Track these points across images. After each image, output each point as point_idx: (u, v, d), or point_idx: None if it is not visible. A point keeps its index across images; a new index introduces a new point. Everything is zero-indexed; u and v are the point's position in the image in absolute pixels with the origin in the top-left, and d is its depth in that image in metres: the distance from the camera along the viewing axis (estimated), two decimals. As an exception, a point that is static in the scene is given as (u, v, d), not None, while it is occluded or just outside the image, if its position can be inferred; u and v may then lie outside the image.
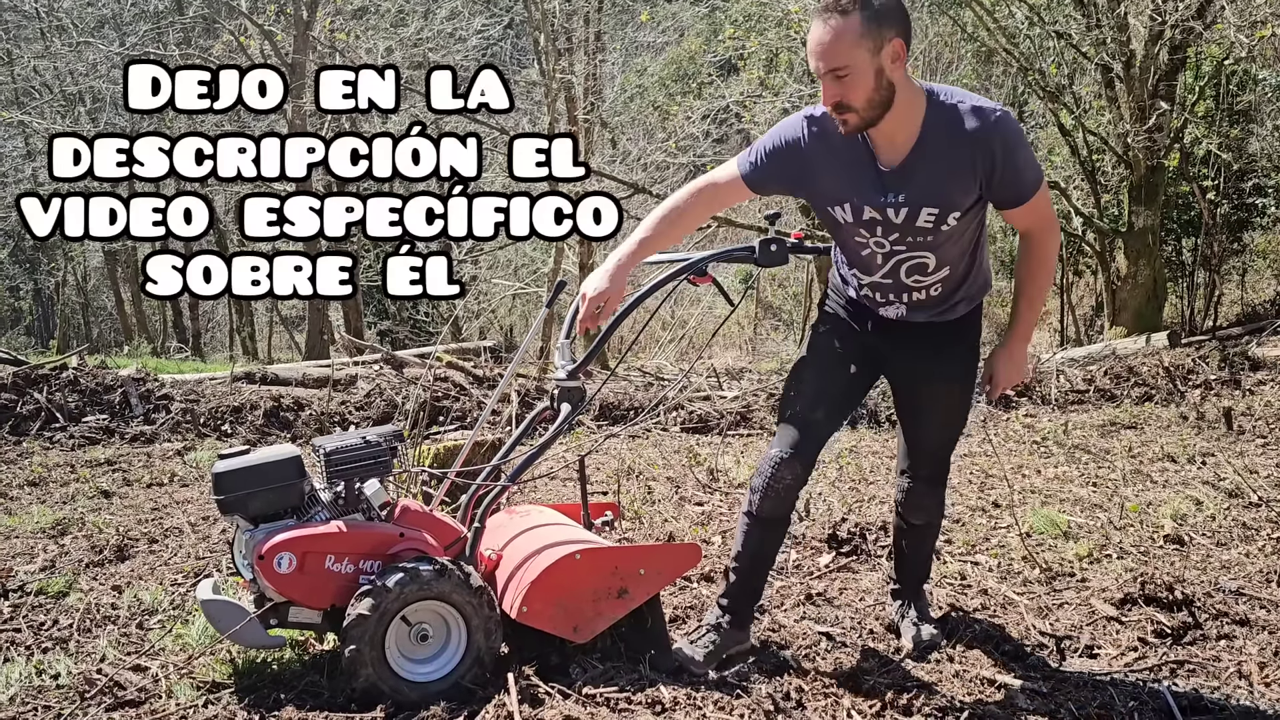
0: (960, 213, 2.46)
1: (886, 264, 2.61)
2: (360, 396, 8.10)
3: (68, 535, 4.43)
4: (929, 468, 2.93)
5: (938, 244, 2.53)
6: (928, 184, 2.43)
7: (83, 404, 7.53)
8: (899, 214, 2.48)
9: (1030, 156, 2.45)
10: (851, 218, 2.56)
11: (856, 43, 2.27)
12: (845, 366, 2.80)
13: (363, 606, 2.40)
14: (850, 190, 2.52)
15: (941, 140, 2.40)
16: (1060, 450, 6.18)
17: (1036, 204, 2.48)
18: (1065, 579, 3.55)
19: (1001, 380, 2.74)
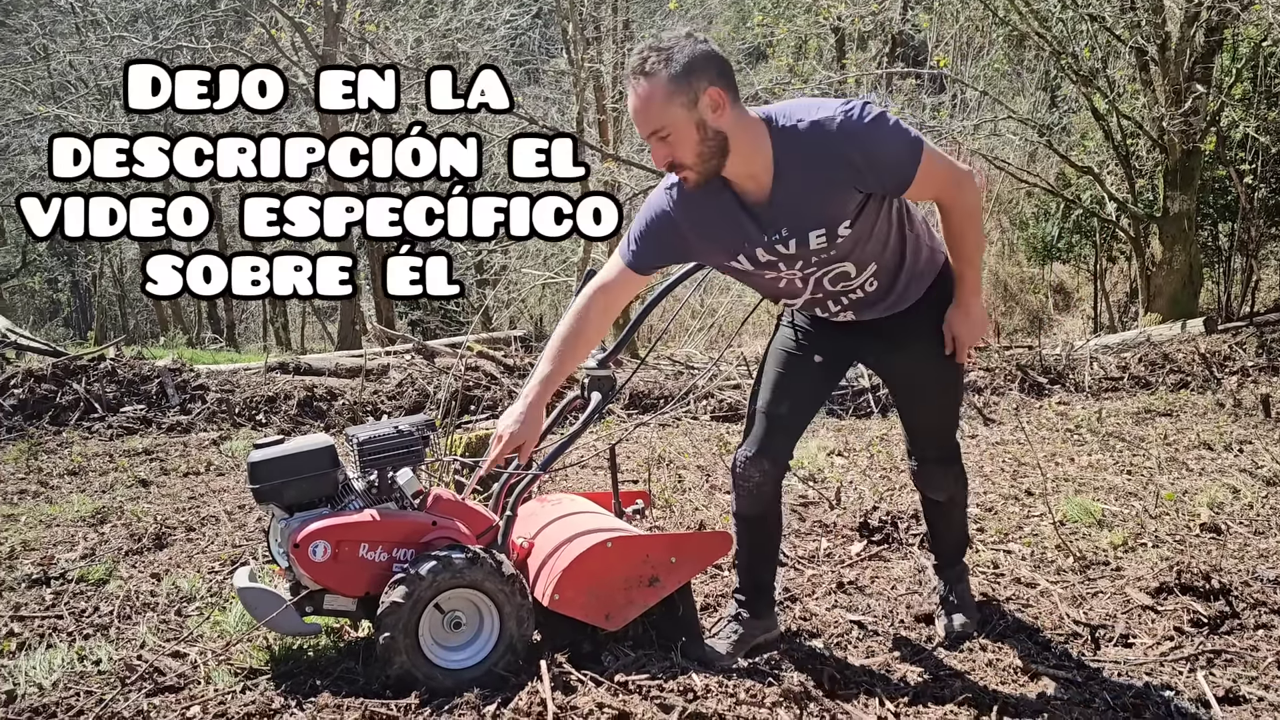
0: (849, 221, 2.36)
1: (808, 285, 2.53)
2: (392, 386, 8.17)
3: (107, 523, 4.51)
4: (934, 449, 2.88)
5: (846, 252, 2.43)
6: (801, 210, 2.35)
7: (120, 394, 7.64)
8: (789, 245, 2.40)
9: (893, 136, 2.28)
10: (751, 266, 2.48)
11: (667, 101, 2.20)
12: (809, 357, 2.75)
13: (396, 594, 2.43)
14: (735, 243, 2.44)
15: (796, 165, 2.31)
16: (1094, 438, 6.11)
17: (927, 173, 2.32)
18: (1099, 568, 3.52)
19: (963, 339, 2.63)
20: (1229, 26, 10.54)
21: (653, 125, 2.24)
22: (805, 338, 2.76)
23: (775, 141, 2.30)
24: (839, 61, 15.01)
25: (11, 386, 7.40)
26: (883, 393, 7.72)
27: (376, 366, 8.72)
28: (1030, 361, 8.73)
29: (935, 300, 2.64)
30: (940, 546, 3.13)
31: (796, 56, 15.50)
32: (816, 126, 2.27)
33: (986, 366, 8.57)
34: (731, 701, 2.28)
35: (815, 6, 11.90)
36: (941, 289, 2.65)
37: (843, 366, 2.84)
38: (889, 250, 2.52)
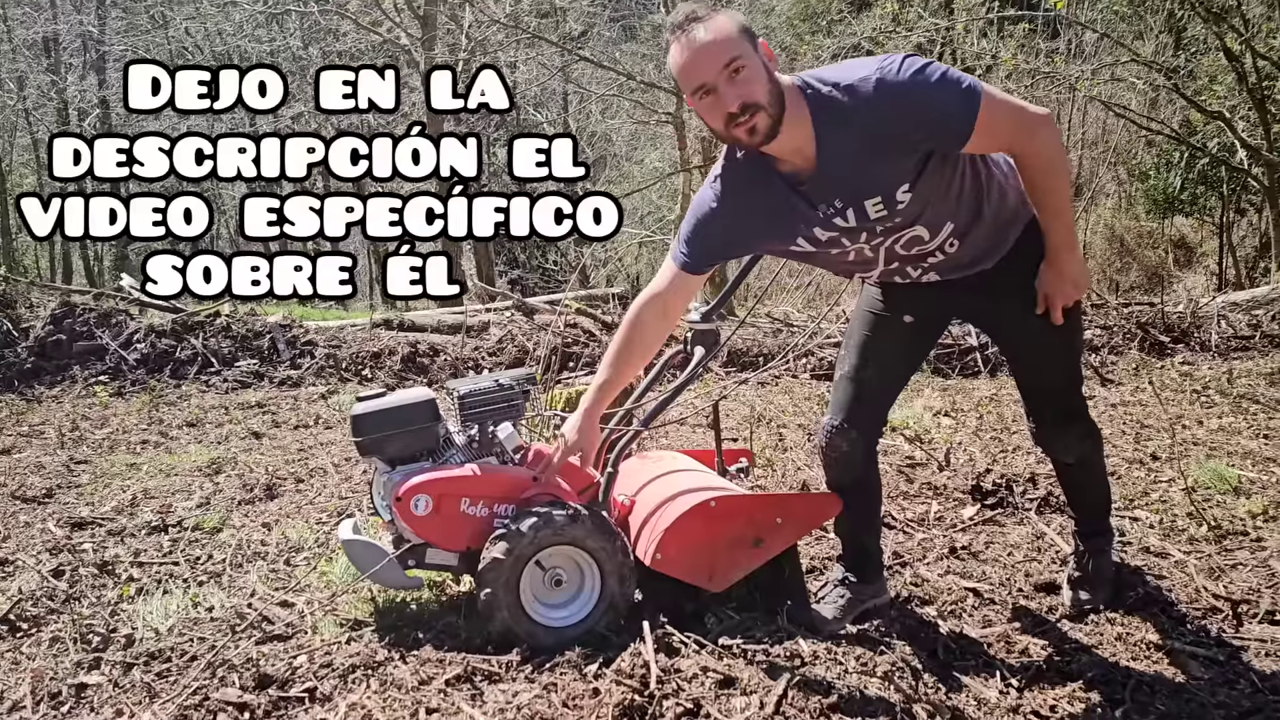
0: (908, 184, 2.16)
1: (879, 256, 2.34)
2: (493, 342, 8.23)
3: (221, 474, 4.64)
4: (1050, 410, 2.61)
5: (913, 216, 2.23)
6: (851, 180, 2.17)
7: (235, 349, 7.89)
8: (847, 218, 2.22)
9: (941, 87, 2.08)
10: (813, 246, 2.32)
11: (737, 34, 2.06)
12: (898, 317, 2.54)
13: (497, 550, 2.40)
14: (790, 225, 2.29)
15: (838, 133, 2.13)
16: (1224, 400, 5.75)
17: (988, 124, 2.10)
18: (1237, 538, 3.28)
19: (1056, 297, 2.37)
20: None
21: (728, 54, 2.05)
22: (892, 297, 2.56)
23: (813, 109, 2.13)
24: (946, 8, 14.40)
25: (135, 341, 7.70)
26: (992, 351, 7.43)
27: (477, 323, 8.80)
28: (1151, 319, 8.27)
29: (1031, 250, 2.40)
30: (1078, 509, 2.89)
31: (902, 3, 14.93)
32: (853, 90, 2.10)
33: (1104, 324, 8.16)
34: (840, 670, 2.18)
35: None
36: (1034, 240, 2.40)
37: (938, 326, 2.66)
38: (964, 206, 2.30)
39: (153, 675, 2.36)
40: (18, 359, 7.42)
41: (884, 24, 13.44)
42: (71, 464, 4.90)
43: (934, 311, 2.57)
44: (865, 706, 2.02)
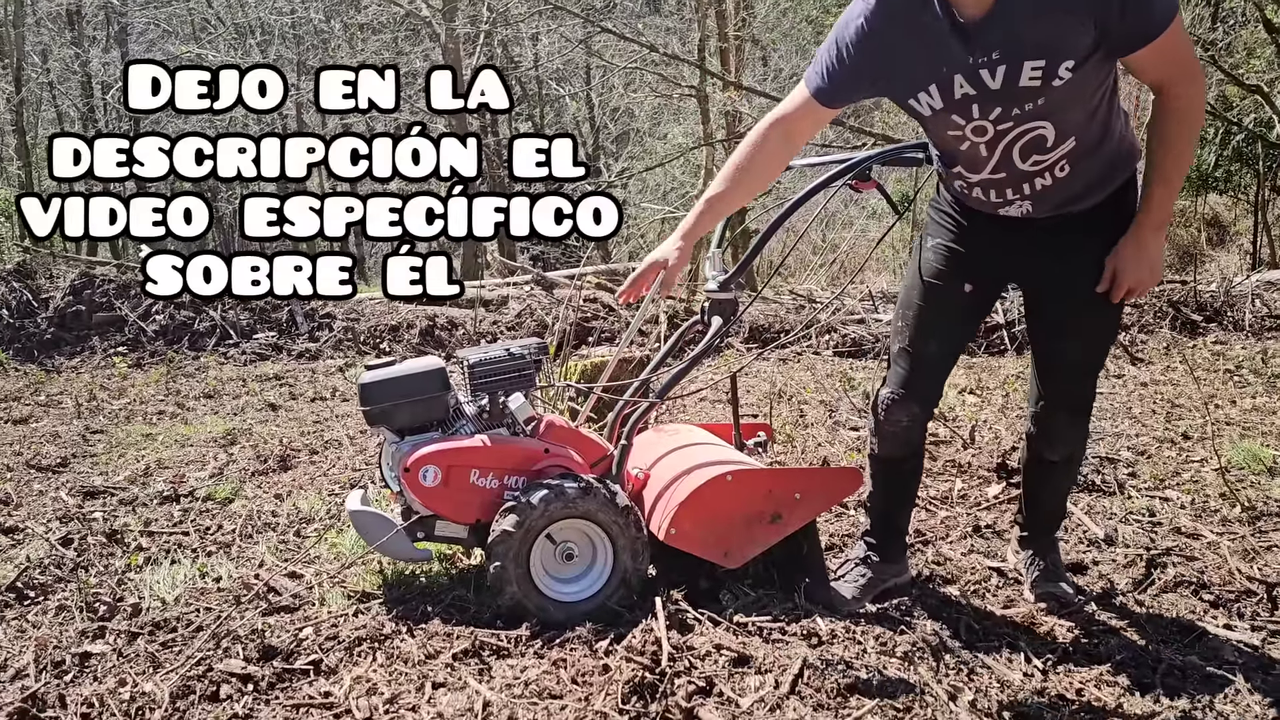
0: (1074, 61, 1.97)
1: (994, 153, 2.17)
2: (511, 316, 8.18)
3: (236, 445, 4.61)
4: (1070, 395, 2.47)
5: (1053, 108, 2.06)
6: (1026, 29, 1.97)
7: (253, 322, 7.88)
8: (995, 76, 2.03)
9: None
10: (940, 102, 2.12)
11: None
12: (958, 286, 2.41)
13: (507, 523, 2.34)
14: (933, 67, 2.09)
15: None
16: (1258, 379, 5.61)
17: (1170, 42, 1.96)
18: (1273, 519, 3.18)
19: (1127, 278, 2.19)
20: None
21: None
22: (951, 263, 2.41)
23: None
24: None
25: (154, 313, 7.70)
26: (1019, 329, 7.29)
27: (496, 297, 8.74)
28: (1184, 297, 8.10)
29: (1111, 213, 2.25)
30: (1035, 517, 2.72)
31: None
32: None
33: (1135, 303, 7.99)
34: (859, 650, 2.11)
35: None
36: (1123, 205, 2.26)
37: (994, 293, 2.50)
38: (1095, 126, 2.14)
39: (157, 645, 2.32)
40: (38, 329, 7.44)
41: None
42: (87, 434, 4.88)
43: (993, 275, 2.43)
44: (884, 687, 1.95)
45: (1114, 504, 3.39)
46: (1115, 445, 4.17)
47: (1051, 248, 2.29)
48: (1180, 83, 2.05)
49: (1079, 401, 2.48)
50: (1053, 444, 2.55)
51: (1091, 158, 2.18)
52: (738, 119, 14.85)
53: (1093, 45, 1.97)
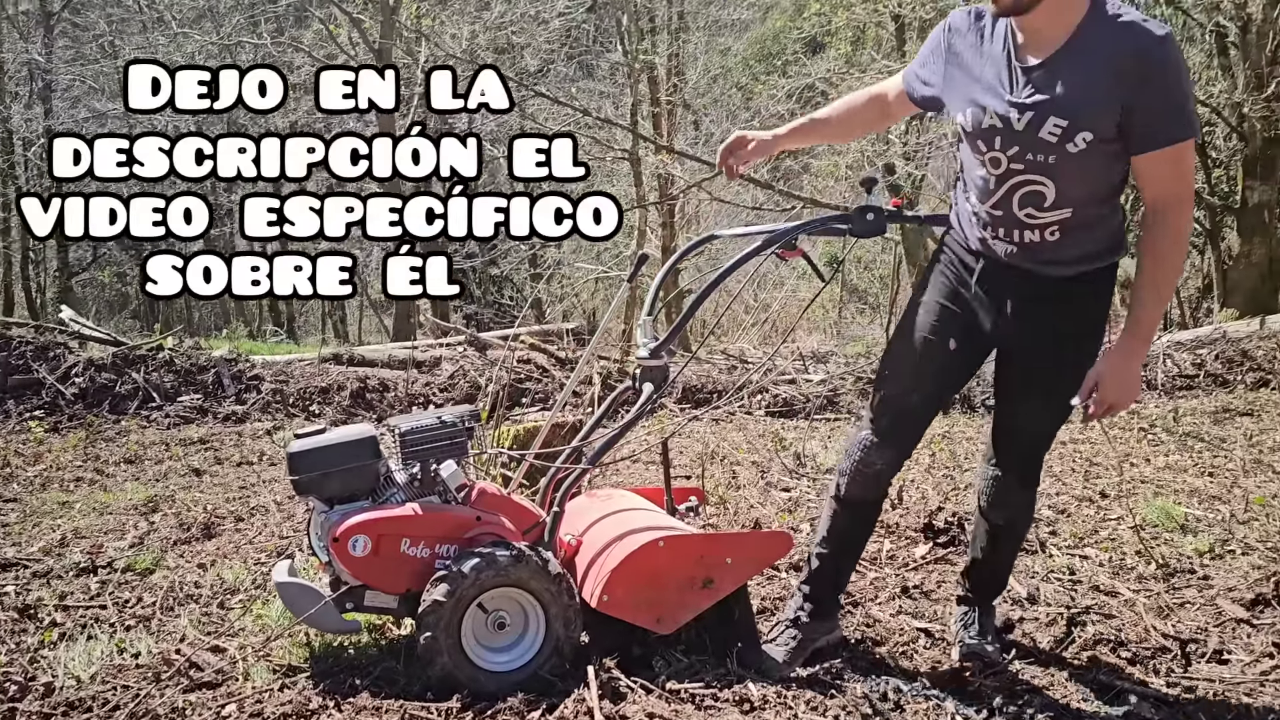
0: (1093, 135, 2.15)
1: (999, 189, 2.32)
2: (444, 378, 8.12)
3: (158, 512, 4.49)
4: (1022, 460, 2.57)
5: (1061, 170, 2.22)
6: (1065, 89, 2.16)
7: (178, 384, 7.69)
8: (1022, 118, 2.21)
9: (1189, 99, 2.17)
10: (970, 125, 2.32)
11: None
12: (944, 342, 2.49)
13: (438, 592, 2.32)
14: (977, 89, 2.31)
15: (1095, 47, 2.14)
16: (1171, 438, 5.82)
17: (1177, 157, 2.14)
18: (1185, 576, 3.30)
19: (1107, 394, 2.23)
20: (1316, 7, 10.06)
21: None
22: (941, 320, 2.51)
23: (1090, 16, 2.16)
24: (899, 50, 14.68)
25: (73, 375, 7.48)
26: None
27: (429, 358, 8.69)
28: (1099, 358, 8.40)
29: (1087, 292, 2.39)
30: (977, 578, 2.79)
31: (854, 46, 15.20)
32: (1144, 27, 2.12)
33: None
34: (790, 715, 2.13)
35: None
36: (1100, 290, 2.41)
37: (977, 356, 2.57)
38: (1092, 207, 2.30)
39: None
40: (-51, 393, 7.17)
41: (837, 65, 13.67)
42: (0, 502, 4.71)
43: (976, 336, 2.50)
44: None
45: (1036, 562, 3.48)
46: (1038, 504, 4.28)
47: (1028, 315, 2.40)
48: (1173, 199, 2.19)
49: (1028, 467, 2.58)
50: (996, 507, 2.64)
51: (1082, 233, 2.32)
52: (670, 181, 15.13)
53: (1115, 130, 2.16)
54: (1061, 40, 2.18)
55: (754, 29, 22.67)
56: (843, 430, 6.63)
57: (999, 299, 2.44)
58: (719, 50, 20.32)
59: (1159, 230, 2.21)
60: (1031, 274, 2.38)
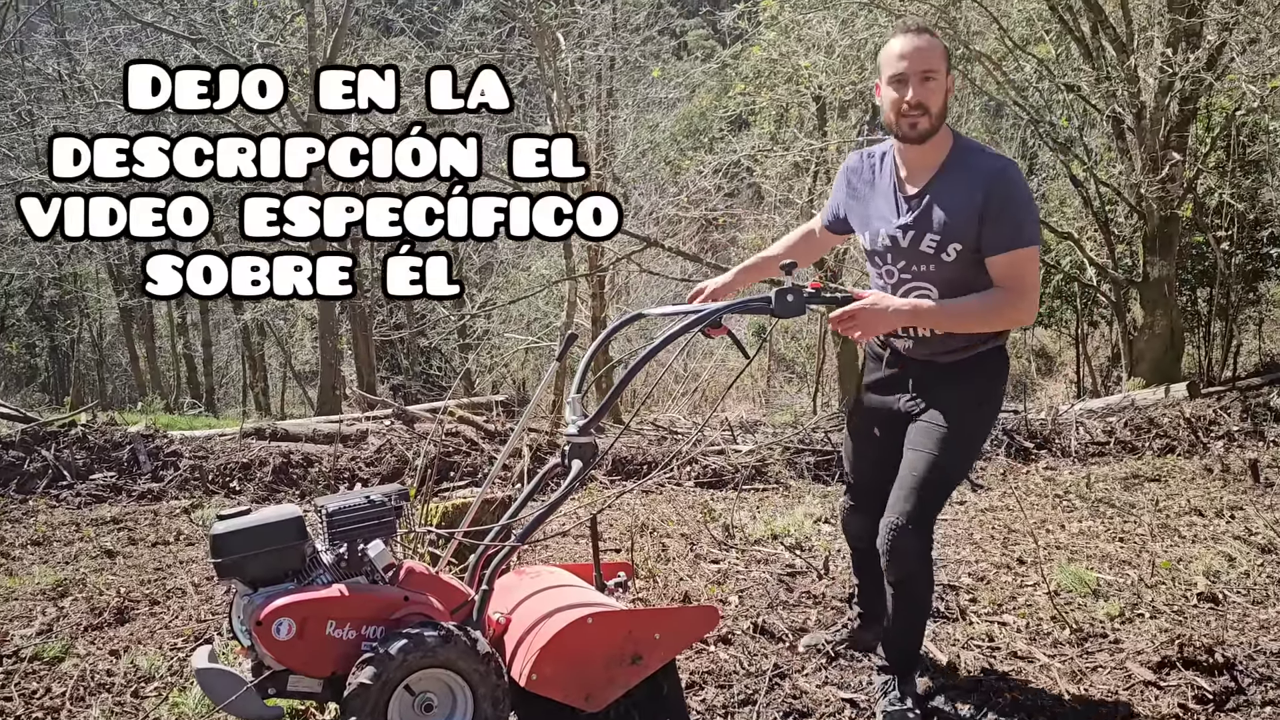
0: (961, 246, 2.65)
1: (895, 294, 2.78)
2: (371, 452, 8.01)
3: (68, 597, 4.33)
4: (902, 504, 2.73)
5: (939, 277, 2.70)
6: (937, 211, 2.67)
7: (90, 461, 7.45)
8: (906, 236, 2.72)
9: (1032, 219, 2.65)
10: (869, 245, 2.84)
11: (942, 58, 2.67)
12: (871, 432, 3.04)
13: (364, 675, 2.29)
14: (874, 215, 2.82)
15: (959, 175, 2.67)
16: (1084, 504, 6.03)
17: (1021, 261, 2.62)
18: (1098, 640, 3.41)
19: (857, 315, 2.66)
20: (1203, 96, 10.74)
21: (928, 65, 2.63)
22: (866, 409, 3.06)
23: (953, 150, 2.71)
24: (820, 129, 15.23)
25: (-22, 453, 7.20)
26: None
27: (355, 432, 8.57)
28: (1016, 426, 8.68)
29: (970, 371, 2.80)
30: (889, 650, 2.89)
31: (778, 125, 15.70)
32: (994, 157, 2.69)
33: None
34: (719, 790, 2.14)
35: (796, 76, 12.07)
36: (984, 369, 2.81)
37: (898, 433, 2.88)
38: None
39: (-28, 828, 2.14)
40: None
41: (762, 143, 14.10)
42: (-103, 589, 4.49)
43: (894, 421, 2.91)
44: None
45: (957, 630, 3.57)
46: (957, 572, 4.39)
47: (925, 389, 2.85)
48: (1016, 291, 2.64)
49: (918, 517, 2.70)
50: (891, 560, 2.72)
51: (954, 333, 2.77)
52: (600, 253, 15.31)
53: (976, 240, 2.64)
54: (933, 172, 2.70)
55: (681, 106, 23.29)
56: (771, 500, 6.71)
57: (905, 384, 2.90)
58: (647, 126, 20.80)
59: (994, 294, 2.66)
60: (929, 362, 2.84)
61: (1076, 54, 11.36)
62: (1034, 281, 2.65)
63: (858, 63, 11.44)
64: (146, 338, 25.56)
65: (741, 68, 16.37)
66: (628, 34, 18.51)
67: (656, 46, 20.93)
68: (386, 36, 21.72)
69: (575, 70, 16.13)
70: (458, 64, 17.83)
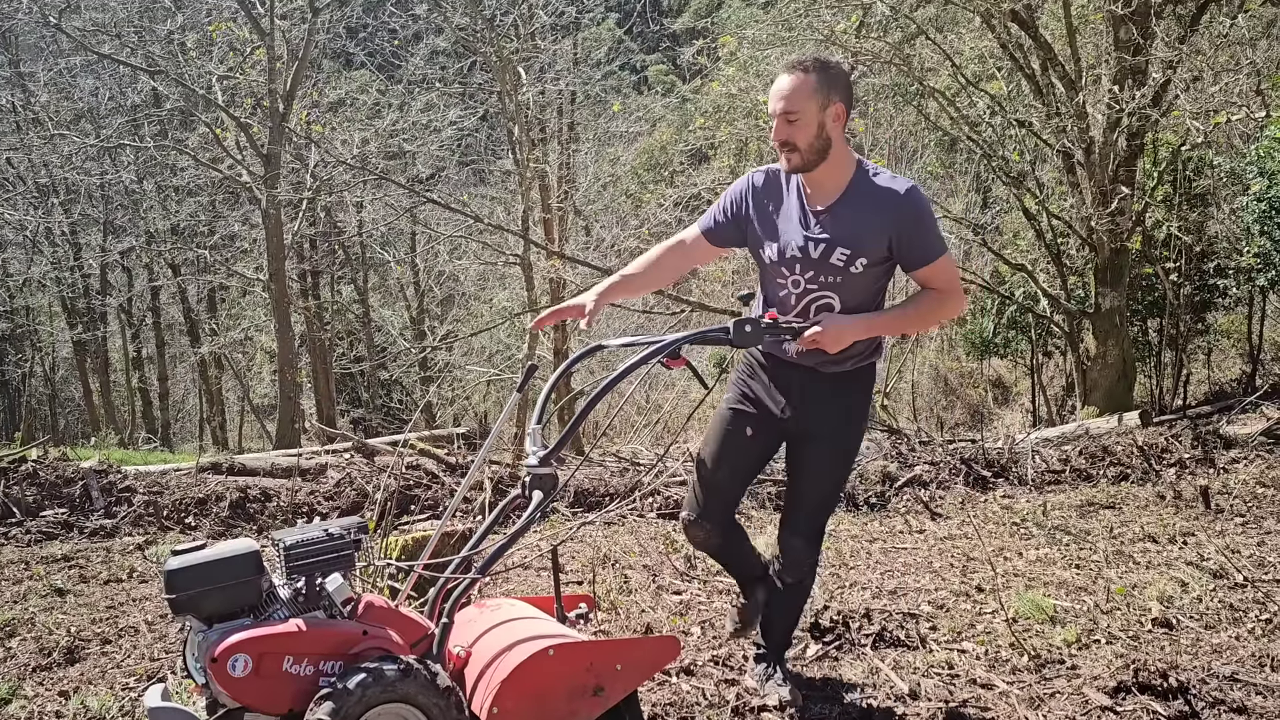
0: (868, 260, 2.84)
1: (799, 303, 2.94)
2: (330, 486, 7.91)
3: (15, 637, 4.22)
4: (805, 525, 3.09)
5: (844, 287, 2.88)
6: (847, 227, 2.84)
7: (41, 497, 7.28)
8: (817, 249, 2.86)
9: (937, 230, 2.90)
10: (776, 256, 2.93)
11: (810, 96, 2.78)
12: (742, 430, 3.06)
13: (322, 711, 2.26)
14: (780, 229, 2.93)
15: (865, 196, 2.85)
16: (1040, 531, 6.10)
17: (942, 268, 2.87)
18: (1055, 666, 3.45)
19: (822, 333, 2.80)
20: (1149, 131, 11.04)
21: (790, 107, 2.79)
22: (741, 413, 3.09)
23: (858, 173, 2.89)
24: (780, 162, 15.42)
25: (-77, 490, 7.02)
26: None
27: (314, 466, 8.47)
28: (974, 455, 8.77)
29: (852, 384, 3.03)
30: (773, 638, 3.27)
31: (738, 158, 15.89)
32: (896, 181, 2.88)
33: (931, 460, 8.59)
34: (681, 822, 2.13)
35: (755, 110, 12.23)
36: (862, 383, 3.06)
37: (770, 444, 3.12)
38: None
39: None
40: None
41: (722, 176, 14.25)
42: None
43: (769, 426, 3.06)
44: None
45: (917, 658, 3.59)
46: (917, 600, 4.43)
47: (811, 405, 2.99)
48: (944, 292, 2.93)
49: (814, 530, 3.13)
50: (787, 566, 3.15)
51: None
52: (561, 285, 15.35)
53: (885, 256, 2.86)
54: (840, 191, 2.88)
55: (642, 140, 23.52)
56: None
57: (787, 392, 3.02)
58: (608, 159, 20.99)
59: (930, 296, 2.93)
60: (814, 370, 2.98)
61: (1027, 90, 11.65)
62: (957, 280, 2.94)
63: (815, 98, 11.62)
64: (101, 371, 25.11)
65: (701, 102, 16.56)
66: (589, 69, 18.72)
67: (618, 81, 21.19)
68: (348, 69, 21.77)
69: (537, 104, 16.24)
70: (419, 97, 17.92)
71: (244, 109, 15.61)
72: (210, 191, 19.48)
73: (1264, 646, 3.53)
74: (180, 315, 25.36)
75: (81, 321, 24.09)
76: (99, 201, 22.29)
